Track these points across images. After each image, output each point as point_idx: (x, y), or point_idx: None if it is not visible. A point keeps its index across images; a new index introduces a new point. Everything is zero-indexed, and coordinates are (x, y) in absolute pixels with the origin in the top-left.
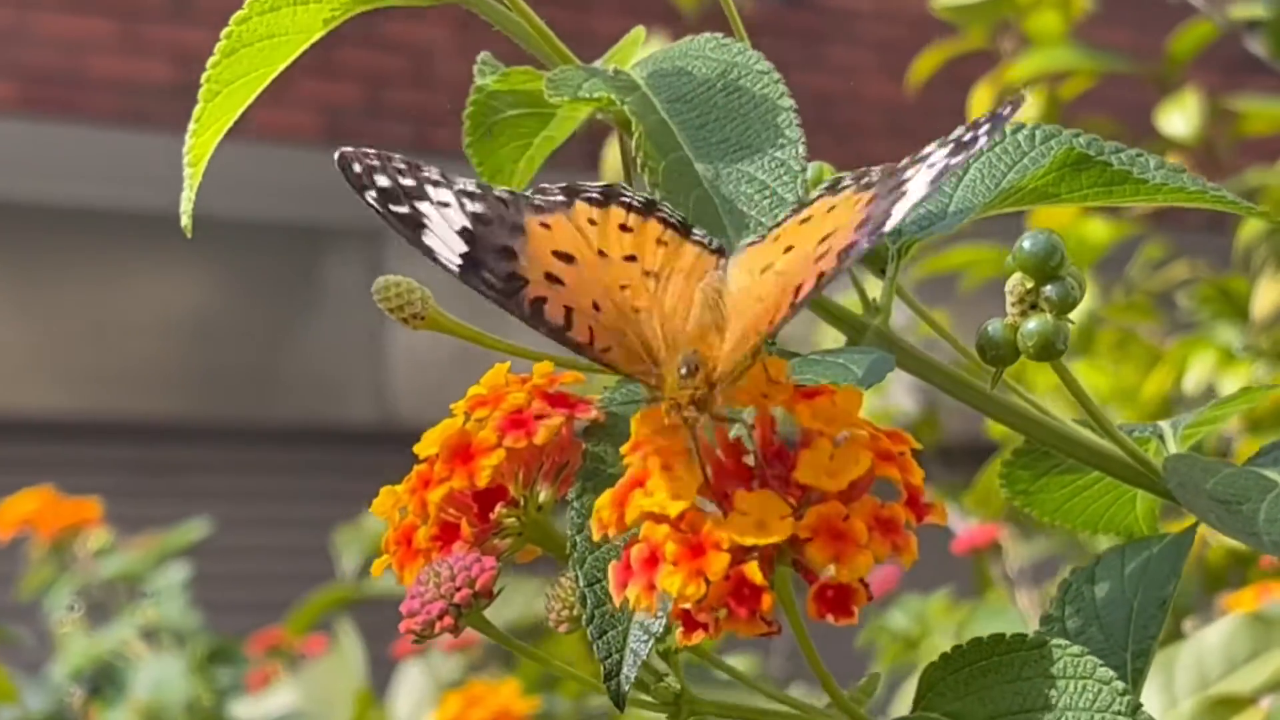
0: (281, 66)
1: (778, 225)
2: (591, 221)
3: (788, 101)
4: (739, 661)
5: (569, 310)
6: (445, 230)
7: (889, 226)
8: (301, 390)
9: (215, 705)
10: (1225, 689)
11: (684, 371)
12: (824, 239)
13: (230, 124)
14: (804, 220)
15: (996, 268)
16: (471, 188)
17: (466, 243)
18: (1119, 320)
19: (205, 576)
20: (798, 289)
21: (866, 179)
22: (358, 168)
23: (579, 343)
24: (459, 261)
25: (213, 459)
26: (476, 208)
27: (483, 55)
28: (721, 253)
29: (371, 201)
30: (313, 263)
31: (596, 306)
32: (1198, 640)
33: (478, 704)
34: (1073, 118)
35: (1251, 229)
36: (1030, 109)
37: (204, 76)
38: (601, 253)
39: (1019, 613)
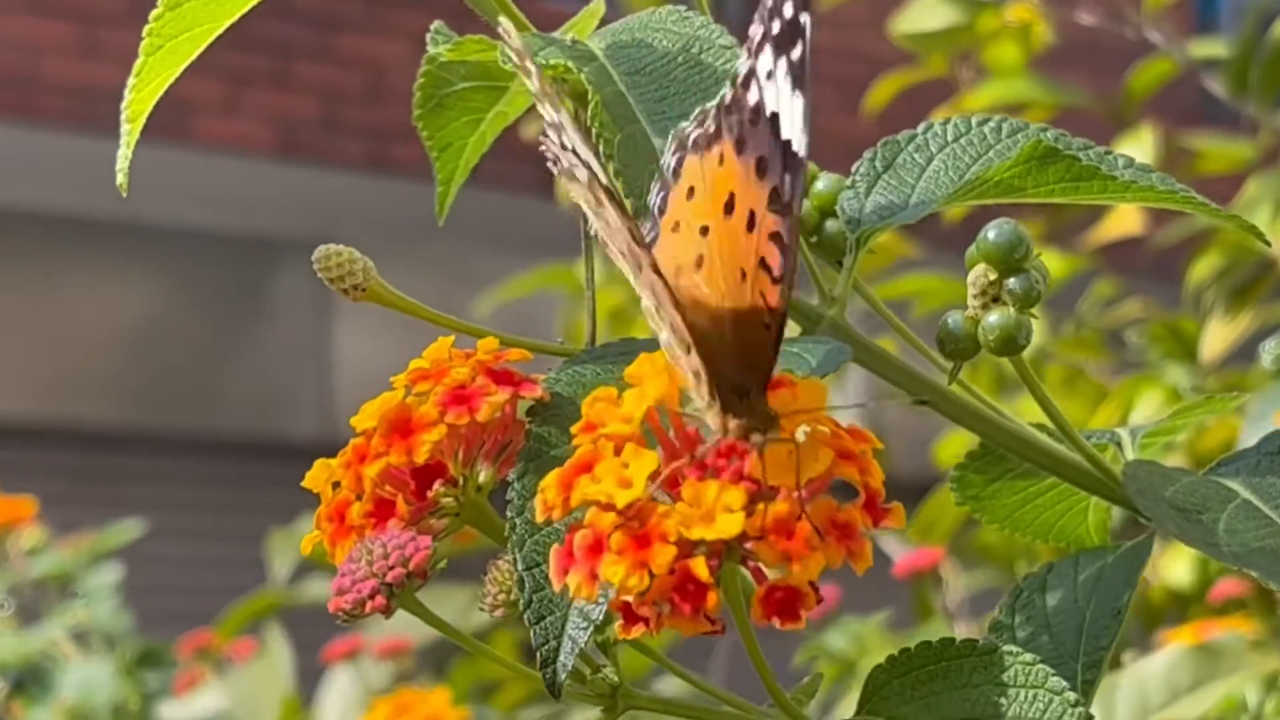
0: (227, 23)
1: (659, 211)
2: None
3: None
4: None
5: None
6: None
7: (803, 151)
8: (245, 402)
9: (142, 709)
10: (1166, 718)
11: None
12: (730, 205)
13: (172, 79)
14: (689, 192)
15: (945, 298)
16: None
17: None
18: (1068, 356)
19: (141, 587)
20: (764, 264)
21: (713, 130)
22: None
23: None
24: None
25: (153, 468)
26: None
27: (436, 24)
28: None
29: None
30: (261, 275)
31: None
32: (1140, 668)
33: (407, 712)
34: None
35: (1202, 269)
36: None
37: (146, 30)
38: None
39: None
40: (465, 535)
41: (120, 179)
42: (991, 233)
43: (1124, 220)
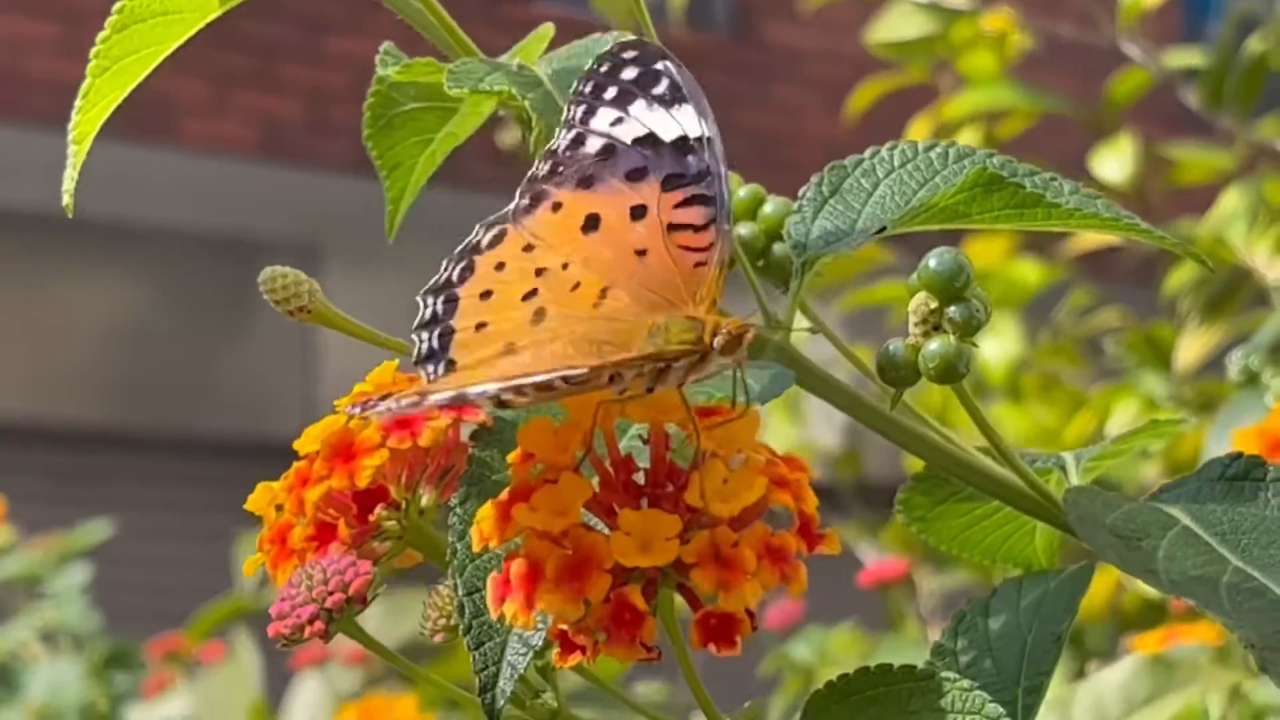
0: (174, 45)
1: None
2: None
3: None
4: (647, 689)
5: None
6: None
7: (706, 132)
8: (229, 403)
9: (110, 710)
10: None
11: None
12: (593, 223)
13: (119, 101)
14: (527, 247)
15: None
16: None
17: None
18: (1044, 364)
19: (122, 586)
20: (678, 226)
21: (529, 201)
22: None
23: None
24: None
25: (134, 468)
26: None
27: (385, 45)
28: None
29: None
30: (245, 275)
31: None
32: (1097, 681)
33: (374, 718)
34: None
35: (1178, 279)
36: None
37: (93, 51)
38: None
39: (926, 648)
40: (407, 558)
41: (66, 200)
42: (932, 261)
43: None
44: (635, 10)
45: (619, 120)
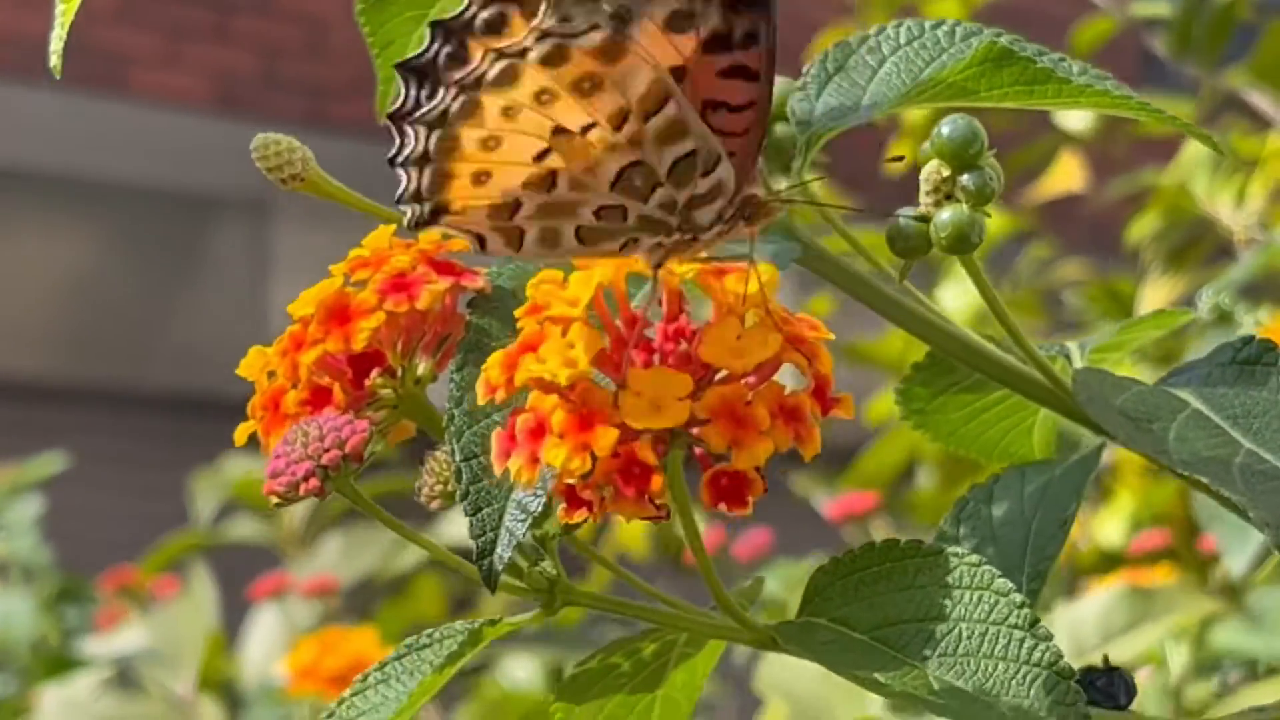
0: None
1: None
2: None
3: None
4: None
5: None
6: None
7: None
8: (179, 358)
9: (62, 644)
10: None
11: None
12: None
13: None
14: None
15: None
16: None
17: None
18: None
19: (69, 538)
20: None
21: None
22: None
23: None
24: None
25: (84, 422)
26: None
27: None
28: None
29: None
30: (197, 230)
31: None
32: (1074, 609)
33: (332, 651)
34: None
35: (1141, 228)
36: None
37: None
38: None
39: None
40: (402, 430)
41: (54, 60)
42: (946, 128)
43: (1065, 176)
44: None
45: None
